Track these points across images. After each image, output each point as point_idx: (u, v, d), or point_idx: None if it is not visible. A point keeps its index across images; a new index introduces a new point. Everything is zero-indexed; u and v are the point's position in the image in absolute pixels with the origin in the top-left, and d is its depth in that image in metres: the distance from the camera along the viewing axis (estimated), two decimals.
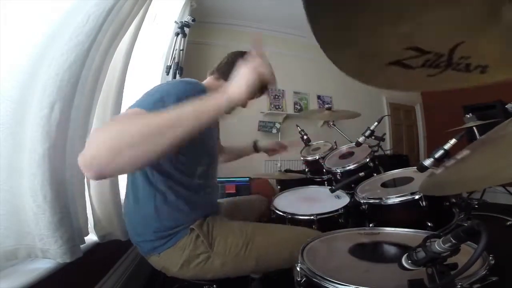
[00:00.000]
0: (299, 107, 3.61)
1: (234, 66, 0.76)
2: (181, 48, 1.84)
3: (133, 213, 0.87)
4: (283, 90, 3.57)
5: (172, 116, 0.54)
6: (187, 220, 0.84)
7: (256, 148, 1.38)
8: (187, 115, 0.55)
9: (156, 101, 0.67)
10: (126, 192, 0.90)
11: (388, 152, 3.15)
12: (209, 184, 0.94)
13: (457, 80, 0.33)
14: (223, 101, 0.58)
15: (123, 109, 1.05)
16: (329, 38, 0.30)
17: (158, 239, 0.82)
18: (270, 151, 1.39)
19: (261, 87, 0.67)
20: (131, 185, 0.86)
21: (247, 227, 0.90)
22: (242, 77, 0.61)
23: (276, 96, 3.52)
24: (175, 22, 1.93)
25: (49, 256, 0.71)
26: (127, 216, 0.91)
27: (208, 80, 0.99)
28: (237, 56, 0.97)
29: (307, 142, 1.99)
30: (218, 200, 1.11)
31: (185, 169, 0.84)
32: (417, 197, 0.98)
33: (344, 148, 1.79)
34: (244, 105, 0.65)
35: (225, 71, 0.96)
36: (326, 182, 1.74)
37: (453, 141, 0.84)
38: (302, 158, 1.96)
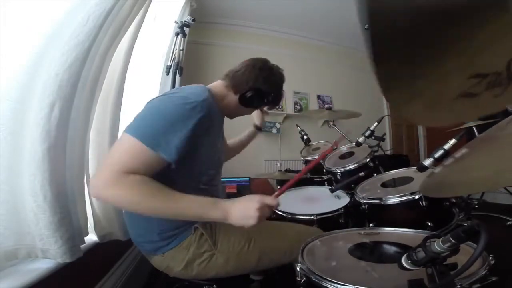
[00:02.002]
0: (299, 107, 3.61)
1: (250, 83, 0.90)
2: (181, 48, 1.84)
3: (135, 215, 0.87)
4: (283, 90, 3.57)
5: (180, 211, 0.69)
6: (190, 221, 0.84)
7: (258, 128, 1.31)
8: (192, 214, 0.71)
9: (158, 136, 0.69)
10: None
11: (388, 152, 3.15)
12: (213, 189, 0.93)
13: None
14: (222, 219, 0.71)
15: (123, 109, 1.06)
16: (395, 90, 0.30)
17: (162, 240, 0.82)
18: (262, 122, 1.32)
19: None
20: None
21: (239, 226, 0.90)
22: (246, 219, 0.71)
23: None
24: (175, 22, 1.93)
25: (49, 256, 0.71)
26: (128, 217, 0.90)
27: (217, 85, 0.94)
28: (258, 71, 0.92)
29: (307, 142, 1.99)
30: None
31: (190, 177, 0.84)
32: (417, 197, 0.98)
33: (344, 148, 1.79)
34: None
35: (238, 84, 0.91)
36: (326, 182, 1.74)
37: (453, 141, 0.84)
38: (302, 158, 1.96)
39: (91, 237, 0.96)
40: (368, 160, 1.43)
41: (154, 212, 0.70)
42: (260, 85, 0.91)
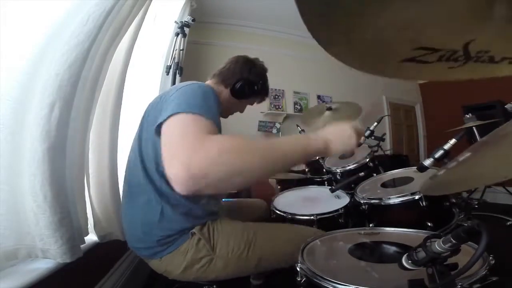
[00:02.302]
0: (299, 107, 3.61)
1: (237, 75, 0.94)
2: (181, 48, 1.84)
3: (134, 219, 0.86)
4: (283, 90, 3.57)
5: (286, 155, 0.61)
6: (189, 224, 0.83)
7: None
8: (295, 155, 0.63)
9: (210, 106, 0.68)
10: (126, 196, 0.89)
11: (388, 152, 3.15)
12: (211, 195, 0.92)
13: (487, 71, 0.33)
14: (323, 152, 0.67)
15: (123, 109, 1.06)
16: (329, 36, 0.30)
17: (159, 245, 0.82)
18: None
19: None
20: (135, 190, 0.85)
21: (248, 227, 0.89)
22: (347, 141, 0.69)
23: (276, 96, 3.52)
24: (175, 22, 1.93)
25: (49, 256, 0.71)
26: (126, 221, 0.89)
27: (208, 84, 0.99)
28: (242, 64, 1.00)
29: None
30: None
31: None
32: (417, 197, 0.98)
33: None
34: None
35: (226, 78, 1.00)
36: (326, 182, 1.74)
37: (453, 141, 0.84)
38: None
39: (91, 237, 0.96)
40: (368, 160, 1.43)
41: (265, 155, 0.57)
42: (247, 75, 0.99)
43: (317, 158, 1.80)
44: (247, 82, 0.99)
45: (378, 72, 0.38)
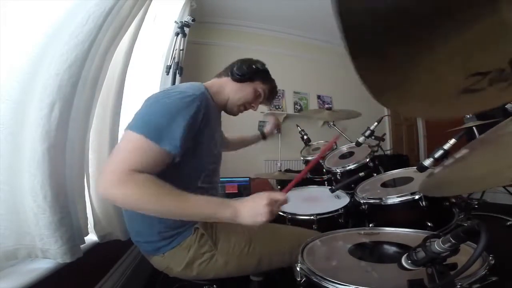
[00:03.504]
0: (299, 107, 3.61)
1: (236, 63, 0.96)
2: (181, 48, 1.84)
3: (135, 214, 0.87)
4: (283, 90, 3.57)
5: (189, 212, 0.68)
6: (191, 220, 0.84)
7: (264, 137, 1.44)
8: (201, 213, 0.69)
9: (161, 130, 0.69)
10: None
11: (388, 152, 3.15)
12: (212, 187, 0.94)
13: None
14: (232, 219, 0.69)
15: (123, 109, 1.06)
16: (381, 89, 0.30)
17: (162, 240, 0.82)
18: (270, 132, 1.46)
19: None
20: None
21: (249, 226, 0.90)
22: (256, 217, 0.69)
23: (276, 96, 3.52)
24: (175, 22, 1.93)
25: (49, 256, 0.71)
26: (129, 216, 0.90)
27: (212, 82, 0.99)
28: (240, 59, 1.00)
29: (307, 142, 1.99)
30: None
31: (190, 175, 0.84)
32: (417, 197, 0.98)
33: (344, 148, 1.79)
34: None
35: (227, 69, 1.00)
36: (326, 182, 1.74)
37: (452, 141, 0.84)
38: (302, 158, 1.96)
39: (91, 237, 0.96)
40: (368, 160, 1.43)
41: (162, 211, 0.68)
42: (246, 61, 0.99)
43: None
44: (245, 62, 0.98)
45: (434, 113, 0.36)
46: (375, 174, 1.39)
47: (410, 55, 0.28)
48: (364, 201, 1.13)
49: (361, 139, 1.52)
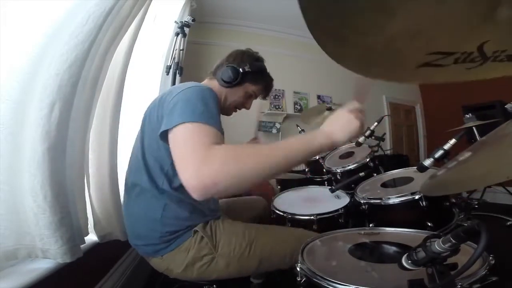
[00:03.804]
0: (299, 107, 3.61)
1: (223, 64, 0.94)
2: (181, 48, 1.84)
3: (136, 217, 0.87)
4: (283, 90, 3.57)
5: (287, 154, 0.61)
6: (190, 223, 0.84)
7: None
8: (299, 154, 0.62)
9: (211, 110, 0.69)
10: (128, 195, 0.90)
11: (388, 152, 3.15)
12: None
13: (508, 69, 0.32)
14: (328, 144, 0.65)
15: (123, 109, 1.06)
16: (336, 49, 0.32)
17: (161, 243, 0.82)
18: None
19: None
20: (136, 189, 0.86)
21: (250, 228, 0.90)
22: (348, 126, 0.66)
23: (276, 96, 3.52)
24: (175, 22, 1.93)
25: (49, 256, 0.71)
26: (129, 219, 0.91)
27: (205, 82, 1.00)
28: (229, 55, 1.00)
29: None
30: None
31: None
32: (417, 197, 0.98)
33: (344, 148, 1.79)
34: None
35: (215, 71, 0.99)
36: (326, 182, 1.74)
37: (452, 141, 0.84)
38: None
39: (91, 237, 0.96)
40: (368, 160, 1.43)
41: (270, 166, 0.59)
42: (233, 63, 0.97)
43: (318, 158, 1.80)
44: (232, 67, 0.95)
45: (394, 78, 0.38)
46: (375, 174, 1.39)
47: (372, 24, 0.28)
48: (364, 201, 1.12)
49: (361, 139, 1.52)
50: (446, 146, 0.84)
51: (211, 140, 0.60)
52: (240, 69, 0.95)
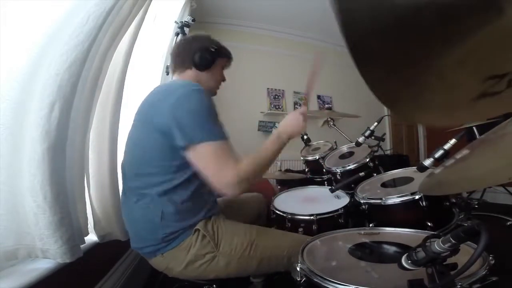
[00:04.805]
0: (299, 107, 3.61)
1: (189, 51, 0.98)
2: None
3: (136, 220, 0.87)
4: (283, 90, 3.57)
5: (272, 155, 0.90)
6: (191, 221, 0.85)
7: None
8: (275, 152, 0.91)
9: (215, 127, 0.82)
10: (125, 198, 0.90)
11: (388, 152, 3.15)
12: (209, 194, 0.94)
13: None
14: (287, 140, 0.92)
15: (123, 109, 1.06)
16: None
17: (162, 242, 0.83)
18: None
19: None
20: (134, 192, 0.86)
21: (251, 228, 0.91)
22: (297, 125, 0.94)
23: (276, 96, 3.52)
24: (175, 22, 1.92)
25: (49, 256, 0.71)
26: (129, 223, 0.91)
27: (191, 75, 0.99)
28: (185, 42, 1.02)
29: (307, 142, 1.99)
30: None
31: (192, 173, 0.85)
32: (417, 197, 0.98)
33: (344, 148, 1.79)
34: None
35: (185, 61, 0.99)
36: (326, 182, 1.74)
37: (453, 141, 0.84)
38: (302, 158, 1.96)
39: (91, 237, 0.96)
40: (368, 160, 1.43)
41: (267, 166, 0.90)
42: (198, 45, 0.99)
43: (318, 158, 1.80)
44: (202, 49, 0.97)
45: (454, 121, 0.35)
46: (375, 174, 1.39)
47: (418, 63, 0.27)
48: (364, 201, 1.12)
49: (361, 139, 1.52)
50: (446, 146, 0.85)
51: (228, 153, 0.80)
52: (211, 49, 0.99)
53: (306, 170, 1.94)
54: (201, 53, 0.96)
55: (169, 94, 0.82)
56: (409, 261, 0.48)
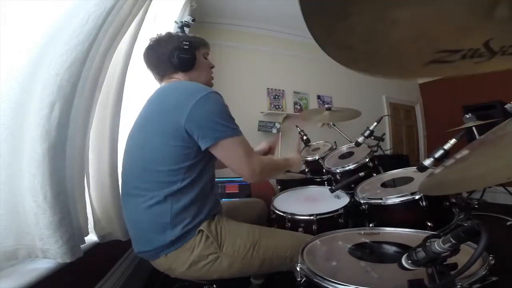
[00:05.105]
0: (299, 107, 3.61)
1: (165, 56, 0.97)
2: None
3: (142, 224, 0.86)
4: (283, 90, 3.57)
5: (282, 168, 1.10)
6: (196, 221, 0.85)
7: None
8: (285, 167, 1.11)
9: (236, 124, 0.89)
10: (127, 200, 0.90)
11: (388, 152, 3.15)
12: (213, 184, 0.96)
13: None
14: (292, 165, 1.13)
15: (123, 109, 1.06)
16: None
17: (168, 243, 0.82)
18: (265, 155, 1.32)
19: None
20: (137, 193, 0.85)
21: (254, 229, 0.92)
22: (297, 158, 1.18)
23: (276, 96, 3.52)
24: (175, 22, 1.92)
25: (49, 256, 0.71)
26: (133, 227, 0.90)
27: (181, 77, 0.99)
28: (158, 48, 0.98)
29: (306, 142, 1.99)
30: None
31: (197, 174, 0.86)
32: (417, 197, 0.98)
33: (344, 148, 1.79)
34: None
35: (167, 66, 0.98)
36: (326, 182, 1.74)
37: (453, 141, 0.84)
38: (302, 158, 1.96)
39: (91, 237, 0.96)
40: (368, 160, 1.43)
41: (276, 172, 1.14)
42: (170, 48, 0.97)
43: (317, 158, 1.80)
44: (176, 51, 0.96)
45: (403, 76, 0.38)
46: (375, 174, 1.39)
47: (375, 32, 0.29)
48: (364, 201, 1.13)
49: (360, 139, 1.52)
50: (446, 146, 0.85)
51: (248, 145, 0.88)
52: (185, 47, 0.97)
53: (306, 170, 1.94)
54: (177, 56, 0.95)
55: (187, 97, 0.82)
56: (409, 261, 0.48)
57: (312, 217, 1.14)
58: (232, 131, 0.85)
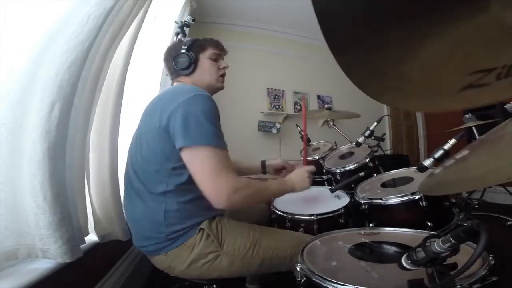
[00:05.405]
0: (299, 107, 3.61)
1: (170, 62, 1.00)
2: None
3: (139, 220, 0.88)
4: (283, 90, 3.57)
5: (273, 193, 1.01)
6: (195, 220, 0.85)
7: (264, 168, 1.32)
8: (277, 193, 1.02)
9: (218, 134, 0.82)
10: (128, 198, 0.91)
11: (388, 152, 3.15)
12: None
13: None
14: (290, 190, 0.99)
15: (123, 109, 1.06)
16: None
17: (167, 241, 0.83)
18: (277, 172, 1.32)
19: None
20: (137, 192, 0.87)
21: (254, 228, 0.92)
22: (302, 182, 1.02)
23: (276, 96, 3.52)
24: (175, 22, 1.93)
25: (49, 256, 0.71)
26: (131, 222, 0.92)
27: (185, 81, 1.00)
28: (182, 56, 0.99)
29: (307, 142, 1.99)
30: None
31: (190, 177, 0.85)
32: (417, 197, 0.98)
33: (344, 148, 1.79)
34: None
35: (176, 70, 0.99)
36: (326, 182, 1.74)
37: (452, 141, 0.84)
38: (302, 158, 1.96)
39: (91, 237, 0.96)
40: (368, 160, 1.43)
41: (260, 198, 0.93)
42: (172, 54, 1.00)
43: (317, 158, 1.80)
44: (174, 56, 0.98)
45: (435, 108, 0.36)
46: (375, 174, 1.39)
47: (398, 54, 0.27)
48: (364, 201, 1.13)
49: (360, 139, 1.52)
50: (446, 146, 0.85)
51: (224, 163, 0.78)
52: (182, 51, 0.98)
53: None
54: (175, 61, 0.97)
55: (175, 97, 0.83)
56: (409, 261, 0.48)
57: (312, 217, 1.14)
58: (206, 138, 0.77)
